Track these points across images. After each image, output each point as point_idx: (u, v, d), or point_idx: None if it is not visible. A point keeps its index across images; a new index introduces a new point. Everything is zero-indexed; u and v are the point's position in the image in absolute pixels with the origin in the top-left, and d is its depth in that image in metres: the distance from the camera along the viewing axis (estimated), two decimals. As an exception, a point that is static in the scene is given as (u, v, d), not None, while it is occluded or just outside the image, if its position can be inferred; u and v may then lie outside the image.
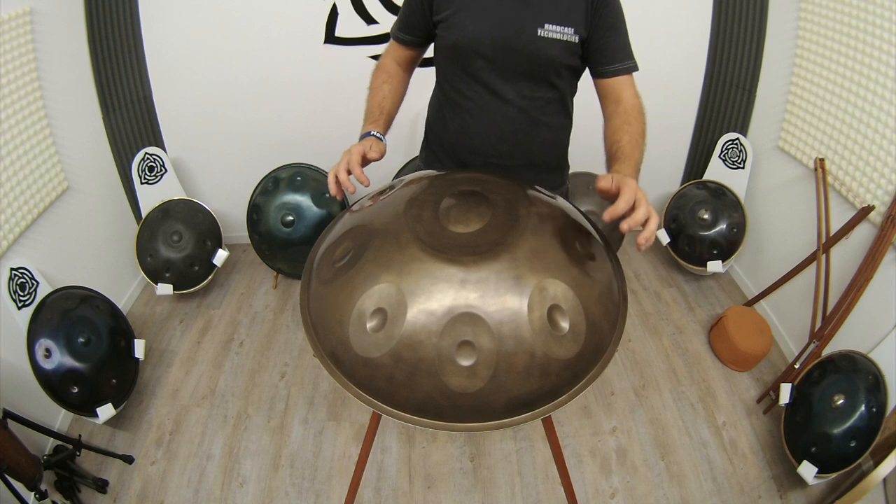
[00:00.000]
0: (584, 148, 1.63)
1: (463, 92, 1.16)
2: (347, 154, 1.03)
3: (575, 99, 1.26)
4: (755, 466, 1.79)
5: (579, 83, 1.23)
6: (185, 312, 2.43)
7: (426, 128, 1.35)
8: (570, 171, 2.65)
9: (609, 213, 0.81)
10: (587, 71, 1.17)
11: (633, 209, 0.80)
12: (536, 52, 1.07)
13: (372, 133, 1.11)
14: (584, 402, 2.01)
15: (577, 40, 1.06)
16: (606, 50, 1.08)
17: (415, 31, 1.19)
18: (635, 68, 1.11)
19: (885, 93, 1.68)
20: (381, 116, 1.16)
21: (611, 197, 0.85)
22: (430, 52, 1.27)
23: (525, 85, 1.12)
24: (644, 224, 0.79)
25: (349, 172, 1.01)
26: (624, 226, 0.79)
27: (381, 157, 1.06)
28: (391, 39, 1.24)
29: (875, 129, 1.73)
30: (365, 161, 1.03)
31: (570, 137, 1.32)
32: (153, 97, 2.35)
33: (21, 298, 1.71)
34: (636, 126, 1.05)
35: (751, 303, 2.35)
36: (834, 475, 1.60)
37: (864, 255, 1.73)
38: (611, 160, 1.03)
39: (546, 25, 1.04)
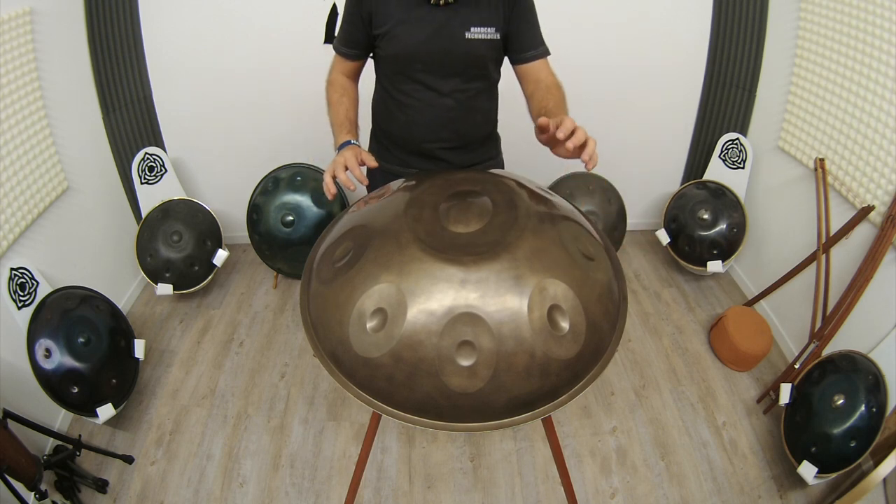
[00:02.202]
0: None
1: (406, 92, 1.30)
2: (342, 157, 1.10)
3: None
4: (755, 466, 1.79)
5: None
6: (185, 312, 2.43)
7: (373, 123, 1.48)
8: (570, 171, 2.66)
9: (561, 130, 0.93)
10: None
11: (573, 134, 0.93)
12: (466, 53, 1.22)
13: (352, 142, 1.19)
14: (584, 402, 2.01)
15: (498, 37, 1.23)
16: (522, 40, 1.25)
17: (358, 46, 1.30)
18: (548, 52, 1.28)
19: (885, 93, 1.68)
20: (352, 126, 1.26)
21: (550, 134, 0.98)
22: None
23: (459, 80, 1.27)
24: (584, 147, 0.94)
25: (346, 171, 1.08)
26: (570, 143, 0.92)
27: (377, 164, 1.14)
28: (335, 55, 1.34)
29: (875, 129, 1.73)
30: (361, 164, 1.12)
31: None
32: (153, 97, 2.35)
33: (21, 298, 1.71)
34: (557, 94, 1.22)
35: (751, 303, 2.35)
36: (834, 475, 1.60)
37: (864, 255, 1.73)
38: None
39: (472, 28, 1.20)
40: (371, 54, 1.33)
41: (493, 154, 1.51)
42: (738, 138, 2.42)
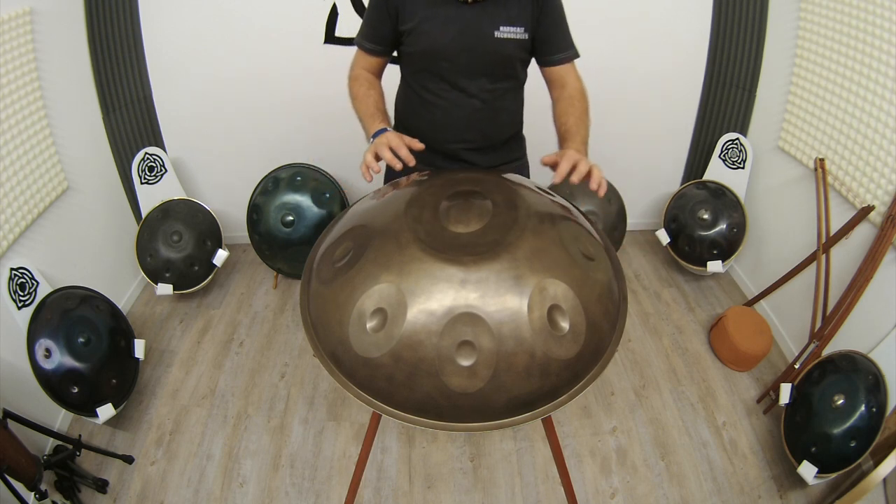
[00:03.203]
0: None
1: (432, 90, 1.28)
2: (384, 138, 1.07)
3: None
4: (755, 466, 1.79)
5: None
6: (185, 312, 2.43)
7: (395, 120, 1.45)
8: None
9: (557, 175, 0.97)
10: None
11: (575, 168, 0.97)
12: (494, 52, 1.20)
13: (387, 129, 1.16)
14: (584, 402, 2.00)
15: (527, 37, 1.21)
16: (551, 42, 1.23)
17: (384, 42, 1.27)
18: (577, 55, 1.27)
19: (885, 93, 1.68)
20: (384, 116, 1.23)
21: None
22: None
23: (486, 80, 1.25)
24: (590, 175, 0.97)
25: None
26: (574, 178, 0.96)
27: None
28: (357, 50, 1.32)
29: (875, 129, 1.73)
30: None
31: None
32: (153, 97, 2.35)
33: (21, 298, 1.71)
34: (580, 106, 1.21)
35: (751, 303, 2.35)
36: (834, 475, 1.60)
37: (864, 255, 1.73)
38: (561, 141, 1.19)
39: (501, 28, 1.17)
40: (395, 51, 1.30)
41: (519, 155, 1.48)
42: (738, 138, 2.42)
